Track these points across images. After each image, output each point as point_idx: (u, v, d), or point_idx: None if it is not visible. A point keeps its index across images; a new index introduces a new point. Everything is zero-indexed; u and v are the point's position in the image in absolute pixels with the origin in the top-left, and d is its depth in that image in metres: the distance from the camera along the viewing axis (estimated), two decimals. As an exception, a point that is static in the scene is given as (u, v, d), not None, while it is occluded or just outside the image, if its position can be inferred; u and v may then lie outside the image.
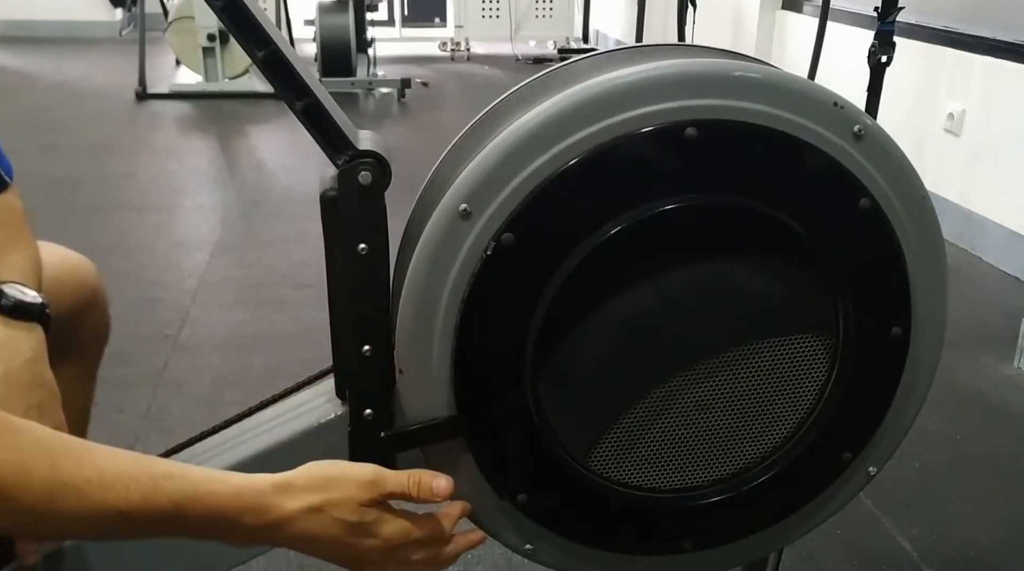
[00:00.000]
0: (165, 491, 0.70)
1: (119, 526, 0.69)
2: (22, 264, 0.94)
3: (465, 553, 0.85)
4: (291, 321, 2.50)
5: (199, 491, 0.71)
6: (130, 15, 7.31)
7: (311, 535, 0.75)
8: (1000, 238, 3.07)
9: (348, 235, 0.79)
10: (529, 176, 0.76)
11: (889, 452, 0.91)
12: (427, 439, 0.84)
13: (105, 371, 1.22)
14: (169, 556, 0.89)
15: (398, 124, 5.13)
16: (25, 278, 0.93)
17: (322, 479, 0.76)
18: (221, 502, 0.72)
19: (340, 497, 0.76)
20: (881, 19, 2.59)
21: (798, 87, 0.79)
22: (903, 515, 1.72)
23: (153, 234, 3.21)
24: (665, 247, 0.79)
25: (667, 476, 0.86)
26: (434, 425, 0.83)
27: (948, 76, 3.35)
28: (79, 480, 0.66)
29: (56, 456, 0.66)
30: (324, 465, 0.77)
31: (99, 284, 1.17)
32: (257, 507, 0.73)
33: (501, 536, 0.89)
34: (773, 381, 0.85)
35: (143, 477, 0.70)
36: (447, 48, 7.37)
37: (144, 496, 0.69)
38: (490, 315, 0.79)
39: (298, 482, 0.75)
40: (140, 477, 0.69)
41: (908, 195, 0.82)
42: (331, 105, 0.80)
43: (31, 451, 0.65)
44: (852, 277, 0.82)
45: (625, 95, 0.76)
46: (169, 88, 5.42)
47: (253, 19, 0.75)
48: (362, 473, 0.77)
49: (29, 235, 0.98)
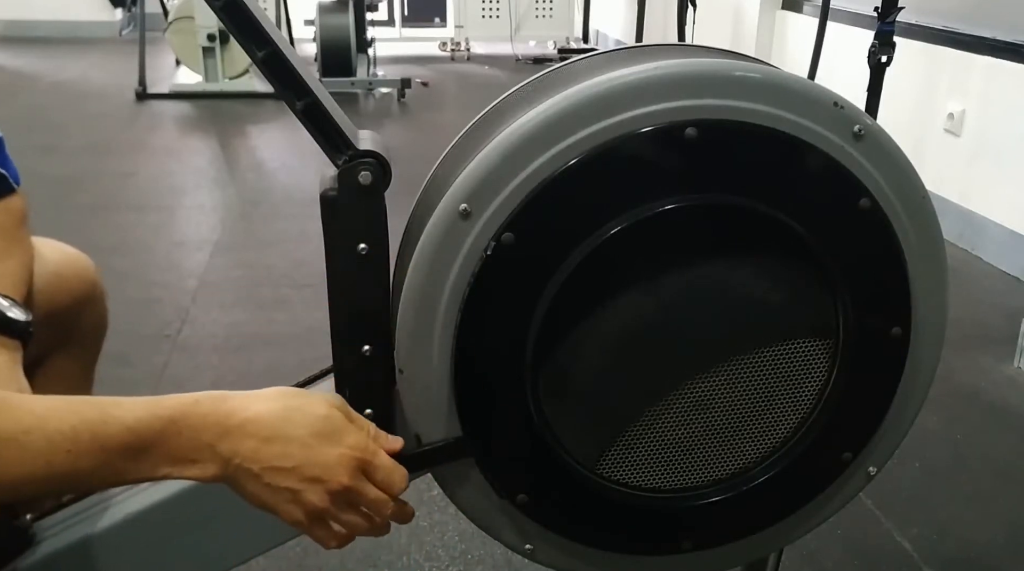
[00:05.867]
0: (115, 418, 0.68)
1: (72, 469, 0.67)
2: (14, 273, 0.95)
3: (465, 553, 0.85)
4: (291, 321, 2.50)
5: (154, 408, 0.69)
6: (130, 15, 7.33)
7: (276, 443, 0.72)
8: (1000, 238, 3.07)
9: (348, 235, 0.79)
10: (529, 176, 0.76)
11: (889, 452, 0.91)
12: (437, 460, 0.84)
13: (105, 371, 1.22)
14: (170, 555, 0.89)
15: (398, 124, 5.13)
16: (15, 289, 0.93)
17: (285, 389, 0.76)
18: (179, 411, 0.70)
19: (304, 402, 0.75)
20: (881, 19, 2.59)
21: (798, 87, 0.79)
22: (903, 515, 1.72)
23: (153, 234, 3.21)
24: (665, 247, 0.79)
25: (667, 476, 0.86)
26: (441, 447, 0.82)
27: (948, 76, 3.35)
28: (18, 432, 0.65)
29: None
30: (288, 388, 0.77)
31: (97, 279, 1.18)
32: (218, 411, 0.71)
33: (501, 536, 0.89)
34: (773, 380, 0.85)
35: (89, 413, 0.68)
36: (447, 48, 7.37)
37: (94, 431, 0.67)
38: (490, 315, 0.79)
39: (261, 392, 0.74)
40: (86, 414, 0.68)
41: (908, 195, 0.82)
42: (331, 105, 0.80)
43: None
44: (852, 277, 0.82)
45: (625, 95, 0.76)
46: (169, 88, 5.41)
47: (253, 19, 0.75)
48: (326, 394, 0.77)
49: (26, 239, 0.99)
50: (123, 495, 0.89)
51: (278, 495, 0.73)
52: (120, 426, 0.68)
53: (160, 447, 0.69)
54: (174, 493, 0.86)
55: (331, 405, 0.76)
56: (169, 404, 0.71)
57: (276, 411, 0.73)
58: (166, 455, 0.70)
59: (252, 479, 0.72)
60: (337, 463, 0.74)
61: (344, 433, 0.75)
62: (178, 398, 0.71)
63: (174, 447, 0.70)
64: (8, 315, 0.90)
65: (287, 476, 0.73)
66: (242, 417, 0.72)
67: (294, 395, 0.76)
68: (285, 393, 0.76)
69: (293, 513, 0.74)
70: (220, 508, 0.86)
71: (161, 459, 0.70)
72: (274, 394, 0.75)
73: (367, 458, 0.76)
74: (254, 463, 0.72)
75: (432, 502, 1.68)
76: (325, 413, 0.75)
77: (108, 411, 0.68)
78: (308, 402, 0.75)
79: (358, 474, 0.75)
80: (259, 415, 0.72)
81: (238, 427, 0.71)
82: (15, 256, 0.96)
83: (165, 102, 5.29)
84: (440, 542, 1.59)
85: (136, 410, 0.69)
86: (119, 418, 0.68)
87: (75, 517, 0.90)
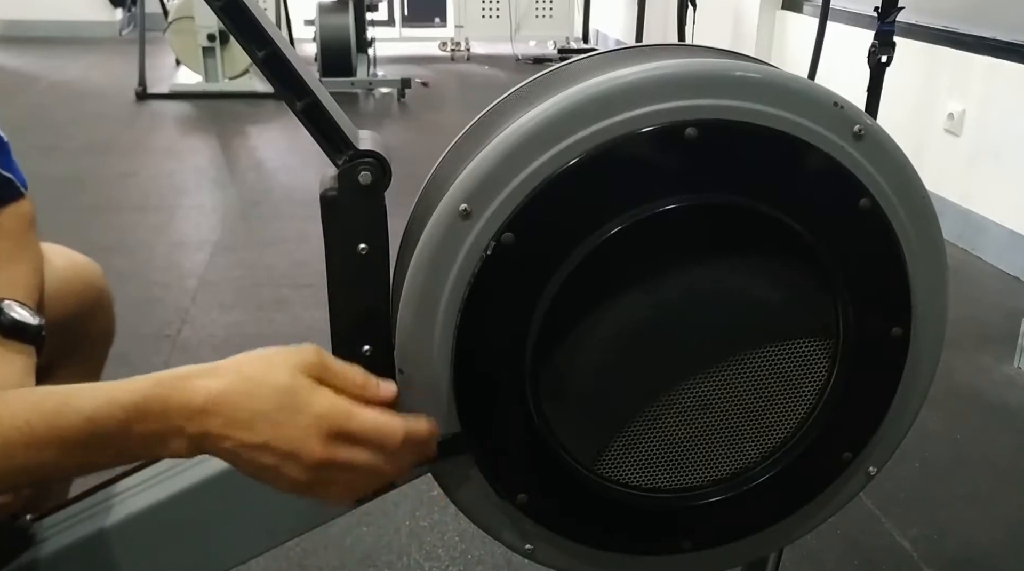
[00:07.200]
0: (74, 409, 0.66)
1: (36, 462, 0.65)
2: (24, 278, 0.94)
3: (465, 553, 0.85)
4: (291, 321, 2.51)
5: (113, 395, 0.67)
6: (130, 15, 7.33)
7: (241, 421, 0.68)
8: (1000, 238, 3.07)
9: (348, 235, 0.79)
10: (529, 176, 0.76)
11: (889, 452, 0.91)
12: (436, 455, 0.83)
13: (105, 371, 1.22)
14: (170, 555, 0.89)
15: (398, 124, 5.13)
16: (26, 294, 0.93)
17: (248, 357, 0.71)
18: (140, 396, 0.67)
19: (265, 371, 0.69)
20: (881, 19, 2.59)
21: (798, 87, 0.79)
22: (903, 515, 1.72)
23: (153, 234, 3.21)
24: (665, 247, 0.79)
25: (667, 476, 0.86)
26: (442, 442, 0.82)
27: (948, 76, 3.35)
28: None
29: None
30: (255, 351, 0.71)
31: (104, 285, 1.17)
32: (181, 393, 0.67)
33: (501, 536, 0.89)
34: (773, 380, 0.85)
35: (46, 405, 0.66)
36: (447, 48, 7.37)
37: (50, 423, 0.65)
38: (490, 315, 0.79)
39: (221, 365, 0.70)
40: (42, 406, 0.66)
41: (908, 195, 0.82)
42: (331, 105, 0.80)
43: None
44: (852, 277, 0.82)
45: (625, 95, 0.76)
46: (169, 88, 5.42)
47: (253, 19, 0.75)
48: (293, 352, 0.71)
49: (35, 245, 0.98)
50: (123, 495, 0.89)
51: (262, 469, 0.70)
52: (78, 417, 0.65)
53: (125, 435, 0.67)
54: (174, 493, 0.86)
55: (295, 369, 0.70)
56: (128, 389, 0.67)
57: (236, 386, 0.69)
58: (134, 441, 0.67)
59: (232, 456, 0.69)
60: (304, 435, 0.69)
61: (310, 401, 0.70)
62: (138, 382, 0.68)
63: (141, 433, 0.67)
64: (22, 320, 0.90)
65: (262, 452, 0.69)
66: (204, 396, 0.68)
67: (256, 363, 0.70)
68: (246, 362, 0.71)
69: (282, 486, 0.71)
70: (220, 508, 0.86)
71: (129, 445, 0.67)
72: (233, 365, 0.70)
73: (340, 425, 0.70)
74: (226, 440, 0.68)
75: (432, 502, 1.68)
76: (286, 382, 0.69)
77: (66, 402, 0.66)
78: (269, 371, 0.70)
79: (333, 442, 0.70)
80: (221, 392, 0.68)
81: (202, 408, 0.67)
82: (26, 261, 0.95)
83: (165, 102, 5.29)
84: (440, 542, 1.59)
85: (95, 399, 0.66)
86: (78, 409, 0.66)
87: (75, 517, 0.90)
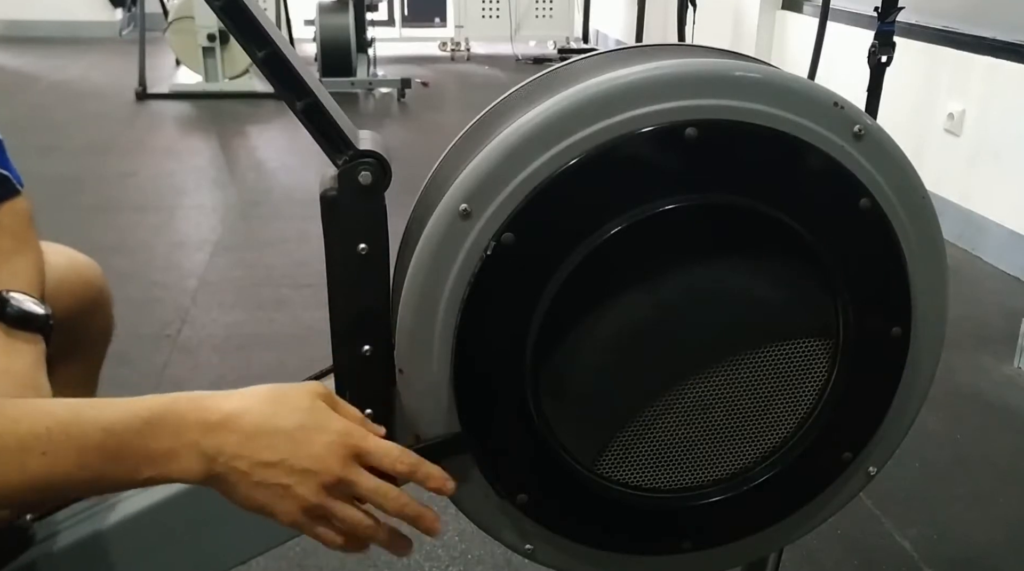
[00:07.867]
0: (91, 419, 0.66)
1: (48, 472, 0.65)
2: (27, 272, 0.94)
3: (465, 553, 0.85)
4: (291, 321, 2.51)
5: (131, 408, 0.67)
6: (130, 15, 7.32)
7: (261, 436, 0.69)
8: (1000, 238, 3.07)
9: (348, 235, 0.79)
10: (529, 176, 0.76)
11: (889, 452, 0.91)
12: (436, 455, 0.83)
13: (105, 371, 1.22)
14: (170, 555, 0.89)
15: (398, 124, 5.13)
16: (30, 286, 0.93)
17: (265, 386, 0.73)
18: (157, 410, 0.68)
19: (287, 394, 0.72)
20: (881, 19, 2.59)
21: (798, 87, 0.79)
22: (903, 515, 1.72)
23: (153, 234, 3.21)
24: (665, 247, 0.79)
25: (667, 476, 0.86)
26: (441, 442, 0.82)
27: (948, 76, 3.35)
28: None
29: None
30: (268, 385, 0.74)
31: (104, 285, 1.18)
32: (198, 408, 0.69)
33: (501, 536, 0.89)
34: (773, 380, 0.85)
35: (64, 415, 0.66)
36: (447, 48, 7.37)
37: (68, 432, 0.65)
38: (490, 315, 0.79)
39: (240, 390, 0.72)
40: (60, 416, 0.66)
41: (908, 195, 0.82)
42: (331, 105, 0.80)
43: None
44: (852, 277, 0.82)
45: (625, 95, 0.76)
46: (169, 88, 5.42)
47: (253, 19, 0.75)
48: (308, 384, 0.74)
49: (35, 240, 0.99)
50: (124, 495, 0.89)
51: (270, 493, 0.70)
52: (95, 427, 0.66)
53: (139, 447, 0.67)
54: (174, 493, 0.86)
55: (314, 395, 0.74)
56: (146, 404, 0.69)
57: (258, 405, 0.71)
58: (146, 456, 0.68)
59: (241, 477, 0.70)
60: (326, 452, 0.71)
61: (330, 421, 0.73)
62: (156, 398, 0.70)
63: (154, 447, 0.67)
64: (29, 309, 0.90)
65: (276, 471, 0.70)
66: (224, 413, 0.70)
67: (275, 388, 0.74)
68: (263, 389, 0.74)
69: (288, 511, 0.71)
70: (220, 508, 0.86)
71: (142, 460, 0.68)
72: (254, 390, 0.74)
73: (357, 443, 0.73)
74: (240, 459, 0.69)
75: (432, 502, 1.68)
76: (309, 404, 0.73)
77: (84, 413, 0.67)
78: (290, 394, 0.73)
79: (350, 462, 0.73)
80: (241, 410, 0.70)
81: (220, 423, 0.69)
82: (26, 255, 0.96)
83: (165, 102, 5.29)
84: (440, 542, 1.59)
85: (113, 411, 0.67)
86: (94, 419, 0.67)
87: (75, 517, 0.90)
